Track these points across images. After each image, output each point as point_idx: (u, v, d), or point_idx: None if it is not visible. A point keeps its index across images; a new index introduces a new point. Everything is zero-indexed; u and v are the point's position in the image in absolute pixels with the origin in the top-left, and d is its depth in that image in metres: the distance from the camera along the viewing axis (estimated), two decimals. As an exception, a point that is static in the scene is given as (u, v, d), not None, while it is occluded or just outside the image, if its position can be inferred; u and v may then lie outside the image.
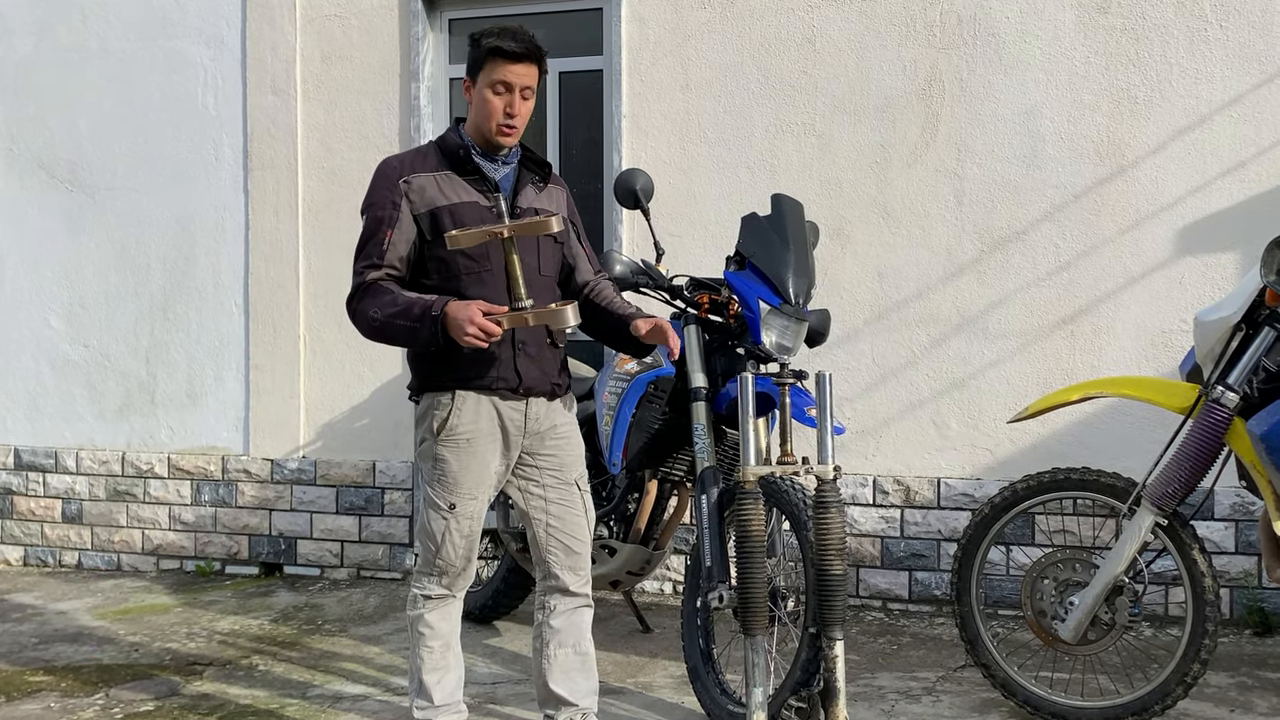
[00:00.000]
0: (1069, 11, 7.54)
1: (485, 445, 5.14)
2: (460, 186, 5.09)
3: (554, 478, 5.30)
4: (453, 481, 5.14)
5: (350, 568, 8.94)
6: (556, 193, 5.37)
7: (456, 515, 5.16)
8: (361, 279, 5.06)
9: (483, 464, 5.15)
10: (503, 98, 5.04)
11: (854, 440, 7.88)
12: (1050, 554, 5.82)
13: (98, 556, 9.55)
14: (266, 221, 9.04)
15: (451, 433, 5.11)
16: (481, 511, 5.22)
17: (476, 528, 5.20)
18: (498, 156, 5.18)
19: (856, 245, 7.89)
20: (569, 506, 5.32)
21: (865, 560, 7.88)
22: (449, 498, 5.14)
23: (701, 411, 5.90)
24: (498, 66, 5.01)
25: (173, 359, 9.32)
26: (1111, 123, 7.49)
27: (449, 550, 5.18)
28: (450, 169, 5.12)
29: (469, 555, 5.23)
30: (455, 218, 5.01)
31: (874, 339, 7.87)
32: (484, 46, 5.02)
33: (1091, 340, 7.50)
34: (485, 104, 5.05)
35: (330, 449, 8.99)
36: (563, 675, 5.34)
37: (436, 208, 5.04)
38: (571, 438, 5.37)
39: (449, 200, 5.05)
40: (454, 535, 5.16)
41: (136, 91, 9.39)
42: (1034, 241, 7.59)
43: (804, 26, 7.98)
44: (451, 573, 5.23)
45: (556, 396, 5.29)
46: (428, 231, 5.05)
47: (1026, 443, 7.59)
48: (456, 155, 5.13)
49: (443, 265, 5.06)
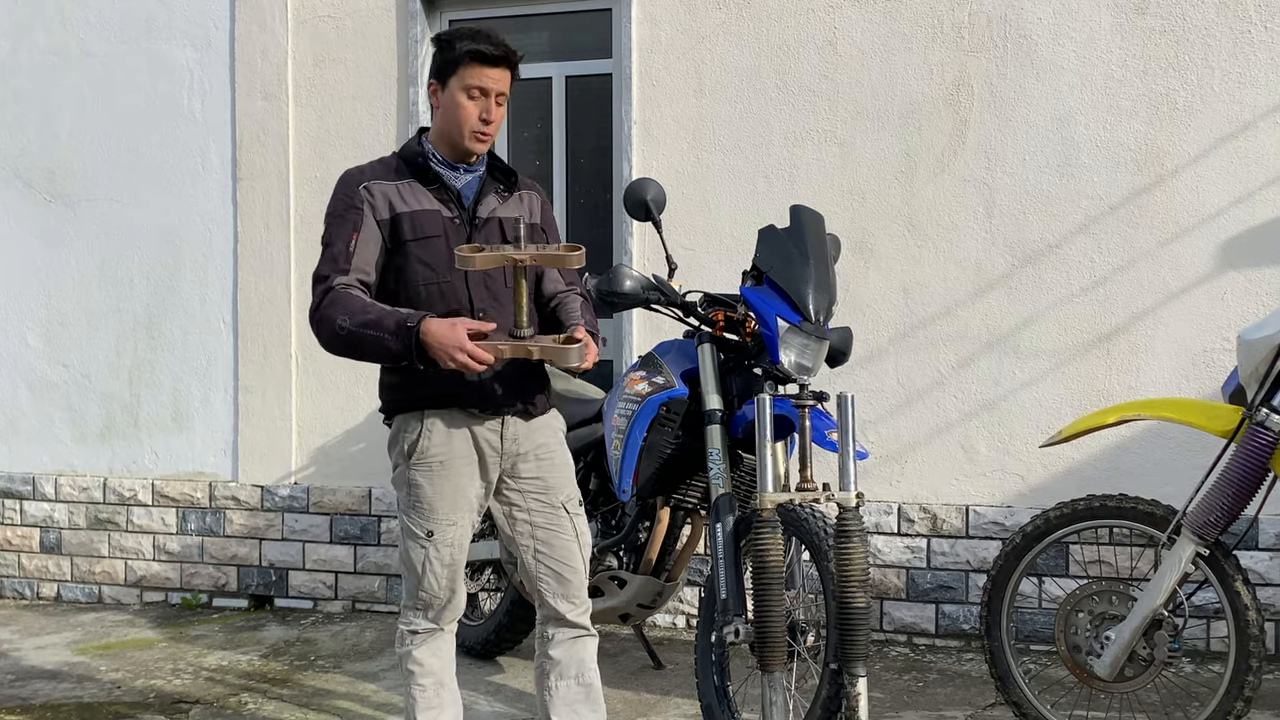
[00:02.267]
0: (1105, 12, 7.58)
1: (460, 468, 5.14)
2: (421, 194, 5.12)
3: (538, 501, 5.29)
4: (428, 508, 5.15)
5: (345, 600, 8.98)
6: (528, 198, 5.38)
7: (435, 543, 5.16)
8: (327, 285, 5.01)
9: (457, 488, 5.15)
10: (478, 103, 5.07)
11: (878, 465, 7.90)
12: (1085, 586, 5.84)
13: (78, 588, 9.60)
14: (256, 234, 9.09)
15: (423, 456, 5.12)
16: (463, 538, 5.22)
17: (459, 555, 5.21)
18: (460, 165, 5.21)
19: (880, 259, 7.94)
20: (557, 530, 5.30)
21: (889, 592, 7.91)
22: (425, 525, 5.15)
23: (716, 435, 5.92)
24: (473, 71, 5.03)
25: (157, 379, 9.38)
26: (1150, 129, 7.53)
27: (431, 581, 5.19)
28: (412, 177, 5.15)
29: (453, 585, 5.23)
30: (415, 225, 5.06)
31: (899, 358, 7.91)
32: (459, 50, 5.03)
33: (1129, 360, 7.54)
34: (458, 109, 5.07)
35: (323, 475, 9.04)
36: (566, 708, 5.33)
37: (397, 214, 5.07)
38: (556, 457, 5.36)
39: (409, 206, 5.08)
40: (434, 564, 5.17)
41: (119, 96, 9.45)
42: (1068, 255, 7.63)
43: (825, 28, 8.03)
44: (436, 605, 5.24)
45: (533, 416, 5.29)
46: (388, 239, 5.08)
47: (1060, 468, 7.63)
48: (417, 163, 5.16)
49: (399, 274, 5.10)
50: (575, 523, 5.35)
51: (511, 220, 5.11)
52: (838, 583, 5.28)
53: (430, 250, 5.07)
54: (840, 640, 5.30)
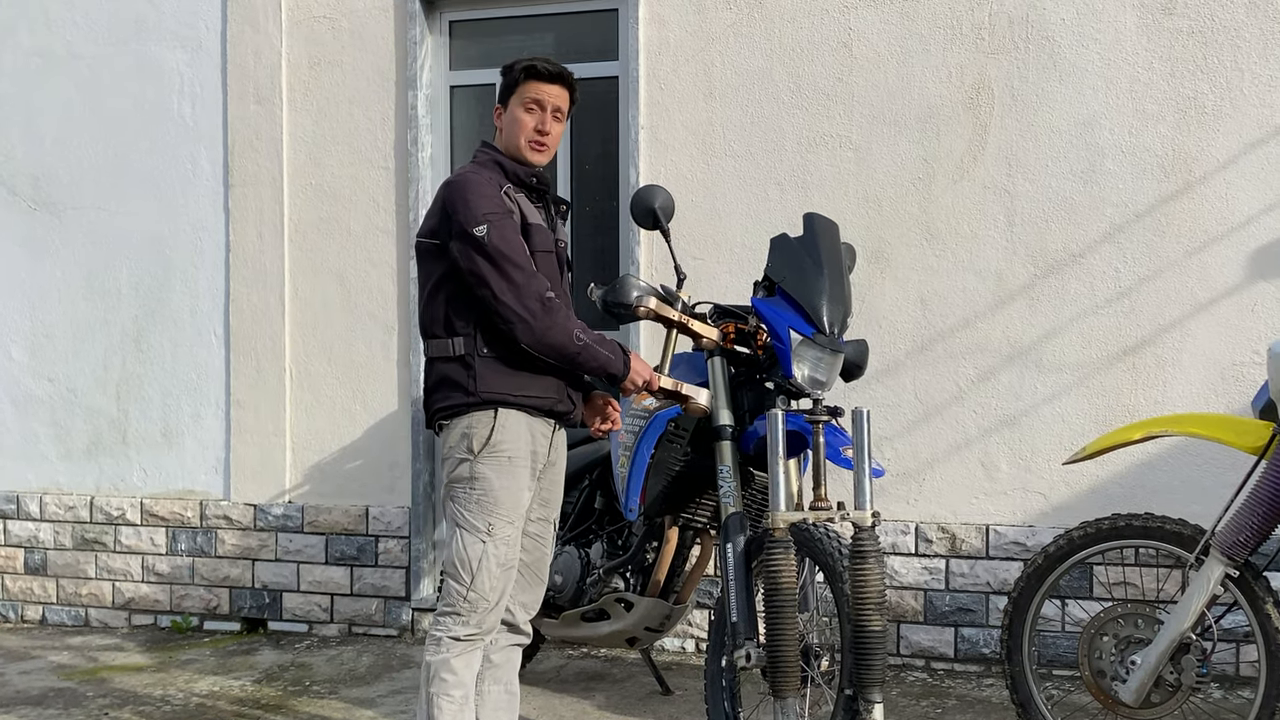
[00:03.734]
0: (1130, 13, 7.60)
1: (523, 466, 5.39)
2: (530, 206, 5.48)
3: (539, 513, 5.62)
4: (492, 502, 5.32)
5: (341, 623, 9.00)
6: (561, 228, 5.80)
7: (495, 539, 5.30)
8: (538, 288, 5.26)
9: (520, 486, 5.38)
10: (534, 115, 5.49)
11: (894, 483, 7.92)
12: (1110, 608, 5.85)
13: (64, 611, 9.63)
14: (249, 243, 9.12)
15: (495, 449, 5.32)
16: (517, 540, 5.40)
17: (514, 557, 5.38)
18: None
19: (897, 269, 7.96)
20: (542, 542, 5.66)
21: (907, 615, 7.93)
22: (487, 519, 5.31)
23: (727, 452, 5.93)
24: (530, 85, 5.48)
25: (146, 394, 9.41)
26: (1177, 134, 7.55)
27: (484, 580, 5.29)
28: (520, 186, 5.51)
29: (504, 589, 5.38)
30: (535, 237, 5.39)
31: (916, 372, 7.93)
32: (517, 69, 5.49)
33: (1155, 373, 7.55)
34: (516, 122, 5.49)
35: (319, 493, 9.06)
36: (492, 714, 5.60)
37: (529, 224, 5.40)
38: (561, 472, 5.74)
39: (531, 219, 5.43)
40: (490, 563, 5.29)
41: (106, 100, 9.48)
42: (1092, 265, 7.65)
43: (839, 29, 8.05)
44: (483, 608, 5.32)
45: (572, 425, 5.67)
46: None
47: (1084, 486, 7.65)
48: (518, 175, 5.49)
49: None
50: (553, 541, 5.75)
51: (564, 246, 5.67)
52: (853, 605, 5.30)
53: (544, 265, 5.42)
54: (855, 665, 5.31)
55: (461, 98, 8.97)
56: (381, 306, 8.86)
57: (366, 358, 8.88)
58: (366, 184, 8.90)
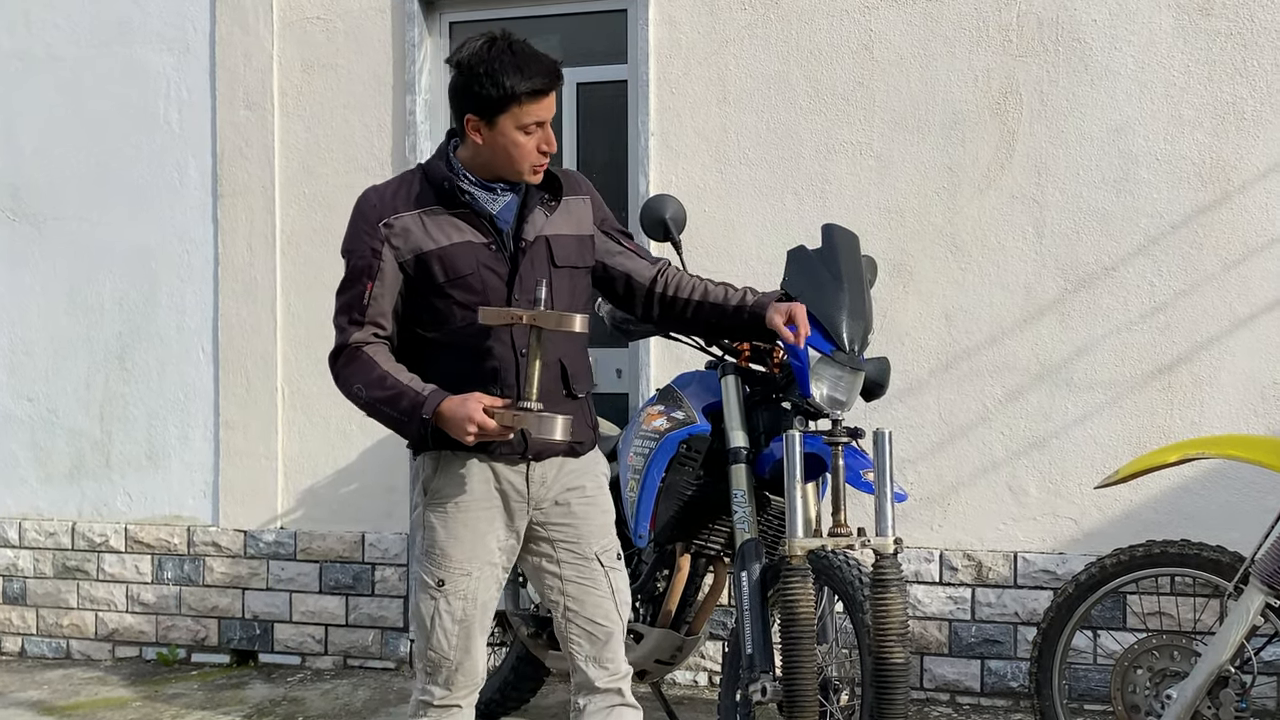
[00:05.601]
0: (1166, 14, 7.63)
1: (479, 511, 5.06)
2: (449, 224, 5.01)
3: (569, 552, 5.17)
4: (440, 553, 5.05)
5: (335, 655, 9.03)
6: (576, 205, 5.24)
7: (446, 593, 5.04)
8: (344, 338, 5.06)
9: (475, 534, 5.06)
10: (535, 136, 4.95)
11: (918, 508, 7.96)
12: (1144, 640, 5.88)
13: (44, 643, 9.66)
14: (239, 255, 9.16)
15: (436, 496, 5.08)
16: (477, 592, 5.08)
17: (472, 611, 5.08)
18: (498, 184, 5.07)
19: (921, 283, 8.00)
20: (589, 585, 5.17)
21: (931, 647, 7.96)
22: (437, 572, 5.05)
23: (742, 475, 5.96)
24: (527, 108, 4.92)
25: (130, 414, 9.44)
26: (1215, 141, 7.58)
27: (439, 638, 5.07)
28: (437, 203, 5.03)
29: (465, 645, 5.11)
30: (446, 263, 4.95)
31: (940, 391, 7.96)
32: (511, 89, 4.88)
33: (1192, 393, 7.58)
34: (514, 148, 4.94)
35: (312, 519, 9.10)
36: None
37: (423, 253, 4.98)
38: (596, 503, 5.24)
39: (437, 243, 4.98)
40: (443, 618, 5.06)
41: (89, 105, 9.52)
42: (1125, 278, 7.68)
43: (860, 31, 8.09)
44: (445, 667, 5.10)
45: (574, 455, 5.21)
46: (418, 281, 5.01)
47: (1117, 511, 7.67)
48: (442, 188, 5.03)
49: (439, 318, 5.02)
50: (611, 577, 5.23)
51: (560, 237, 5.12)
52: (874, 637, 5.32)
53: (468, 289, 4.98)
54: (877, 700, 5.33)
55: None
56: (378, 322, 8.85)
57: (362, 376, 8.87)
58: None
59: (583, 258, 5.22)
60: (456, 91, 4.99)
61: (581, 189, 5.33)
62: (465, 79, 4.94)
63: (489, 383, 4.95)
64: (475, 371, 4.97)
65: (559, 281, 5.09)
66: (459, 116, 5.01)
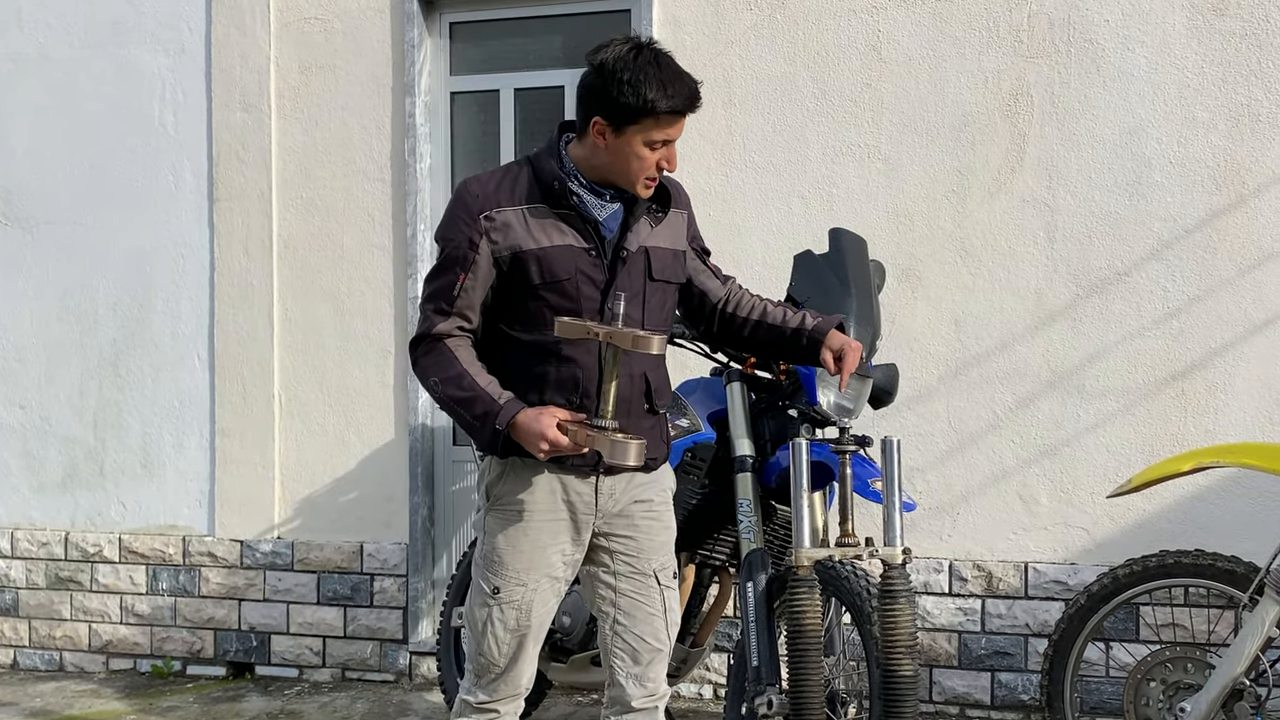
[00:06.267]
0: (1180, 14, 7.64)
1: (542, 523, 5.03)
2: (552, 226, 4.95)
3: (627, 564, 5.13)
4: (498, 562, 5.04)
5: (334, 667, 9.04)
6: (675, 219, 5.20)
7: (500, 602, 5.03)
8: (428, 327, 5.01)
9: (537, 545, 5.03)
10: (658, 152, 4.89)
11: (926, 518, 7.96)
12: (1158, 652, 5.89)
13: (36, 655, 9.67)
14: (235, 260, 9.17)
15: (499, 501, 5.06)
16: (535, 604, 5.06)
17: (526, 622, 5.06)
18: (608, 190, 5.00)
19: (929, 288, 8.00)
20: (642, 601, 5.14)
21: (940, 659, 7.96)
22: (493, 579, 5.04)
23: (747, 484, 5.97)
24: (663, 124, 4.86)
25: (125, 422, 9.45)
26: (1230, 144, 7.58)
27: (490, 645, 5.07)
28: (543, 201, 4.96)
29: (516, 655, 5.11)
30: (543, 265, 4.91)
31: (950, 398, 7.96)
32: (651, 103, 4.80)
33: (1206, 400, 7.58)
34: (635, 159, 4.87)
35: (310, 528, 9.10)
36: None
37: (522, 251, 4.92)
38: (659, 518, 5.21)
39: (537, 244, 4.92)
40: (496, 627, 5.05)
41: (82, 107, 9.53)
42: (1138, 284, 7.68)
43: (868, 31, 8.10)
44: (491, 672, 5.11)
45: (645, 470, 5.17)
46: (512, 278, 4.96)
47: (1129, 521, 7.67)
48: (551, 187, 4.95)
49: (529, 319, 4.98)
50: (665, 596, 5.20)
51: (661, 250, 5.08)
52: (882, 648, 5.33)
53: (562, 294, 4.94)
54: (885, 713, 5.35)
55: (463, 105, 9.03)
56: (377, 328, 8.90)
57: (361, 383, 8.93)
58: (361, 197, 8.95)
59: (676, 273, 5.18)
60: (590, 91, 4.88)
61: (683, 202, 5.30)
62: (603, 81, 4.83)
63: (568, 390, 4.94)
64: (556, 376, 4.96)
65: (652, 296, 5.07)
66: (585, 116, 4.91)
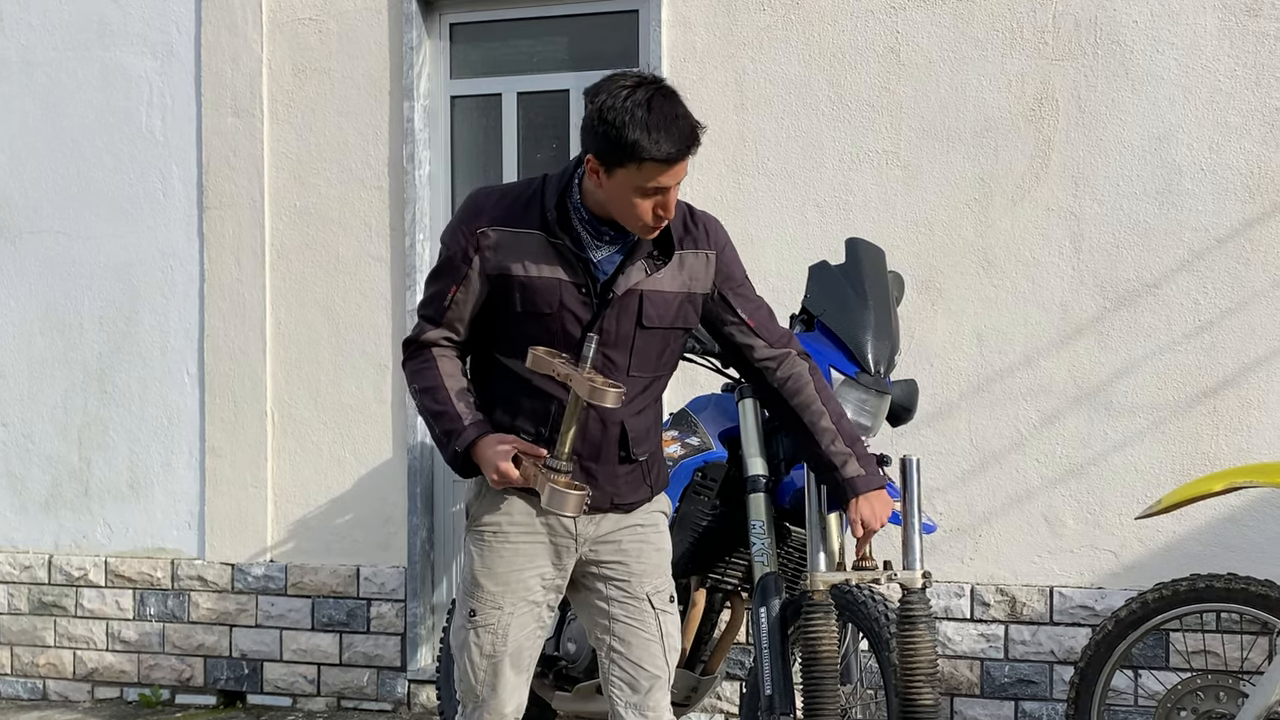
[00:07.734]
0: (1211, 15, 7.65)
1: (518, 544, 5.05)
2: (543, 255, 4.91)
3: (619, 590, 5.12)
4: (473, 583, 5.08)
5: (329, 696, 9.05)
6: (694, 261, 5.14)
7: (475, 625, 5.07)
8: (418, 332, 5.07)
9: (512, 567, 5.04)
10: (652, 199, 4.78)
11: (947, 540, 7.97)
12: (1188, 680, 5.90)
13: (18, 683, 9.68)
14: (226, 271, 9.18)
15: (476, 522, 5.09)
16: (512, 629, 5.06)
17: (502, 648, 5.07)
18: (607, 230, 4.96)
19: (950, 300, 8.02)
20: (637, 627, 5.12)
21: (961, 687, 7.97)
22: (470, 602, 5.08)
23: (760, 505, 5.97)
24: (647, 171, 4.71)
25: (111, 440, 9.46)
26: (1264, 150, 7.59)
27: (466, 669, 5.10)
28: (541, 226, 4.92)
29: (494, 683, 5.11)
30: (526, 294, 4.90)
31: (972, 415, 7.97)
32: (636, 147, 4.68)
33: (1239, 417, 7.59)
34: (628, 206, 4.79)
35: (304, 551, 9.11)
36: None
37: (508, 274, 4.91)
38: (649, 540, 5.19)
39: (525, 270, 4.90)
40: (471, 650, 5.08)
41: (67, 112, 9.54)
42: (1168, 296, 7.69)
43: (886, 33, 8.11)
44: (470, 700, 5.15)
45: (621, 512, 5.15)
46: (496, 296, 4.97)
47: (1159, 543, 7.68)
48: (546, 217, 4.92)
49: (508, 340, 4.99)
50: (662, 620, 5.17)
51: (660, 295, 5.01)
52: (901, 677, 5.34)
53: (543, 327, 4.92)
54: (904, 743, 5.36)
55: (463, 109, 9.05)
56: (374, 342, 8.91)
57: (357, 399, 8.94)
58: (357, 205, 8.96)
59: (682, 318, 5.13)
60: (585, 127, 4.81)
61: (710, 242, 5.26)
62: (592, 118, 4.75)
63: (539, 420, 4.95)
64: (529, 405, 4.97)
65: (642, 342, 5.03)
66: (584, 152, 4.87)
